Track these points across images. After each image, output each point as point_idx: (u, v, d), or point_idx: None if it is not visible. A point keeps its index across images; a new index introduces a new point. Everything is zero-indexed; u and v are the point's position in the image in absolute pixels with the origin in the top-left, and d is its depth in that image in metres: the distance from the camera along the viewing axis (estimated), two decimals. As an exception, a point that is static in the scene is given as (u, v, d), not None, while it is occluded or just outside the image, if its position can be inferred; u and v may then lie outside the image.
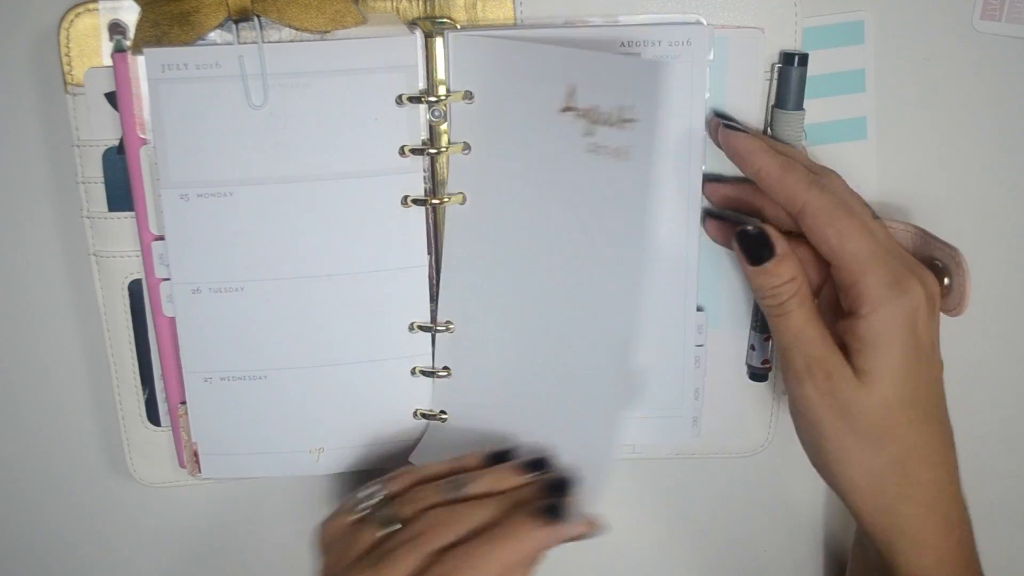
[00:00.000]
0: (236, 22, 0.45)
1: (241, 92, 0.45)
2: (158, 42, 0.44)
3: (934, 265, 0.47)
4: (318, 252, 0.48)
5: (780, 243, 0.45)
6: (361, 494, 0.44)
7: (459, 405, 0.51)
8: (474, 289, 0.49)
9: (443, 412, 0.51)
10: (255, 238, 0.47)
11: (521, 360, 0.50)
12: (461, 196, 0.48)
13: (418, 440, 0.52)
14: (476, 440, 0.50)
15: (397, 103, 0.46)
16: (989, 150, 0.53)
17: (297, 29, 0.45)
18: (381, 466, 0.51)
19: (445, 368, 0.51)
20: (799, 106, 0.49)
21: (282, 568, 0.57)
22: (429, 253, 0.49)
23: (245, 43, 0.45)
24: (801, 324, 0.45)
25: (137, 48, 0.44)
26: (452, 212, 0.48)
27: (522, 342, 0.49)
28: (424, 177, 0.48)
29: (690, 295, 0.51)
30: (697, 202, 0.50)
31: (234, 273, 0.48)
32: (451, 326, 0.50)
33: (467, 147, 0.48)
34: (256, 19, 0.45)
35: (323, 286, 0.48)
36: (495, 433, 0.50)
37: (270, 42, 0.45)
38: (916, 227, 0.49)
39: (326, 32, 0.45)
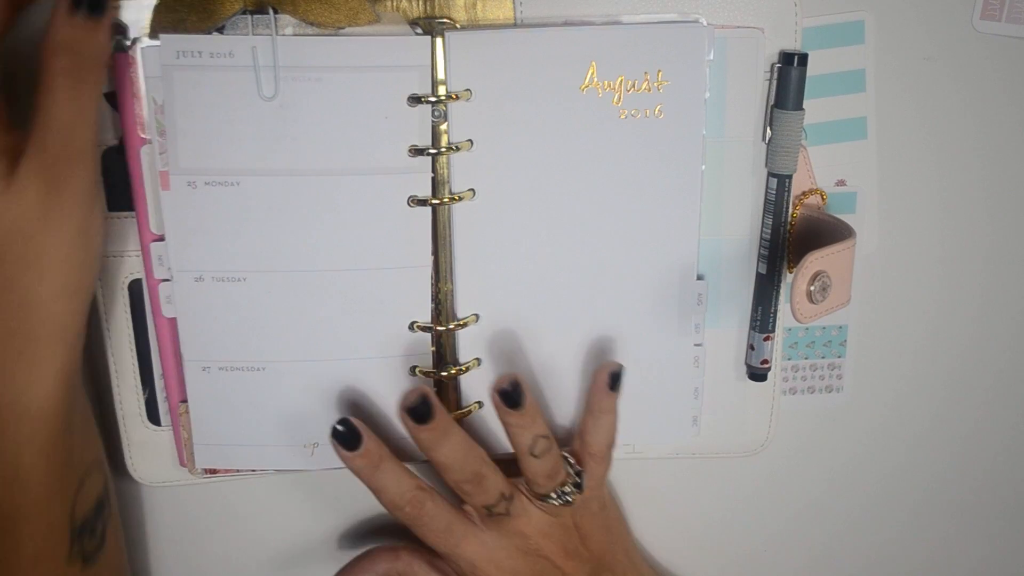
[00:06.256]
0: (252, 13, 0.45)
1: (253, 83, 0.45)
2: (174, 28, 0.45)
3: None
4: (322, 247, 0.48)
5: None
6: None
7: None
8: (496, 280, 0.50)
9: (478, 403, 0.52)
10: (260, 229, 0.47)
11: (547, 344, 0.51)
12: (471, 192, 0.48)
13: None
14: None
15: (409, 103, 0.46)
16: (989, 150, 0.54)
17: (312, 24, 0.45)
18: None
19: (476, 359, 0.51)
20: (799, 106, 0.49)
21: (282, 567, 0.57)
22: (432, 254, 0.49)
23: (259, 34, 0.45)
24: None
25: (154, 33, 0.45)
26: (462, 209, 0.49)
27: (548, 326, 0.51)
28: (431, 177, 0.48)
29: (689, 293, 0.52)
30: (696, 204, 0.50)
31: (237, 263, 0.48)
32: (477, 318, 0.51)
33: (471, 144, 0.48)
34: (271, 11, 0.45)
35: (325, 281, 0.48)
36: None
37: (284, 35, 0.45)
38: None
39: (340, 28, 0.45)
